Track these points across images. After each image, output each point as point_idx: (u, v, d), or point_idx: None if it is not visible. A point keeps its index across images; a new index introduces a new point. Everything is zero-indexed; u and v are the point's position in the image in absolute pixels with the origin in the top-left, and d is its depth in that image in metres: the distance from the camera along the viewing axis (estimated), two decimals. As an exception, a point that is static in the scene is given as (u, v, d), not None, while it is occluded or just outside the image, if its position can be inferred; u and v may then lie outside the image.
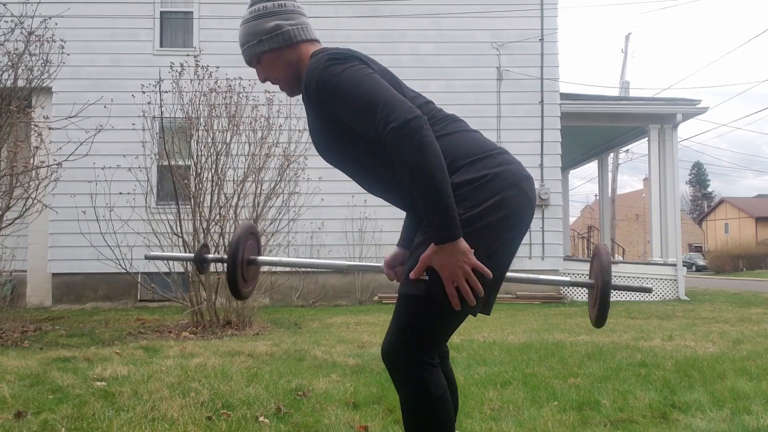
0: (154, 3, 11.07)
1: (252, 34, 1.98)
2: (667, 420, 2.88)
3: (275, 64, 1.99)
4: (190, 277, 6.76)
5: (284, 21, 1.96)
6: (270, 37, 1.95)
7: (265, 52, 1.97)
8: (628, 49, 26.86)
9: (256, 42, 1.97)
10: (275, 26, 1.95)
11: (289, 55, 1.97)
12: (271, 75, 2.03)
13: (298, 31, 1.97)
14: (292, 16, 1.98)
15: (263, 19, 1.96)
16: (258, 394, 3.32)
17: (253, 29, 1.98)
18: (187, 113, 7.04)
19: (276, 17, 1.96)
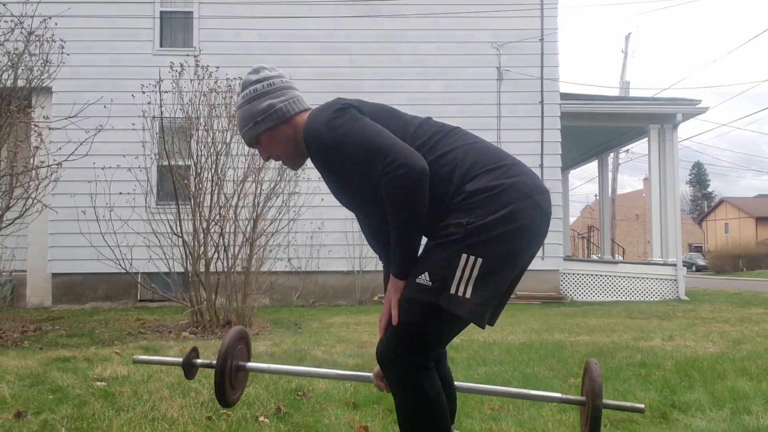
0: (154, 3, 11.08)
1: (247, 117, 2.01)
2: (667, 420, 2.88)
3: (274, 141, 2.02)
4: (190, 277, 6.76)
5: (276, 99, 1.99)
6: (264, 117, 1.99)
7: (263, 133, 2.00)
8: (628, 49, 26.84)
9: (252, 124, 2.00)
10: (268, 106, 1.98)
11: (286, 131, 2.01)
12: (272, 153, 2.07)
13: (290, 105, 2.00)
14: (283, 93, 2.01)
15: (256, 101, 2.00)
16: (258, 394, 3.32)
17: (247, 113, 2.01)
18: (187, 113, 7.04)
19: (267, 97, 1.99)
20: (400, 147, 1.78)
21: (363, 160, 1.79)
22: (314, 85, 10.80)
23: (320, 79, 10.91)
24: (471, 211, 1.76)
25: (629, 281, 11.87)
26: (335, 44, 11.09)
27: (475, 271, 1.74)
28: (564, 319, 7.69)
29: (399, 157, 1.74)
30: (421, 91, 11.09)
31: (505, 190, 1.79)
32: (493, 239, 1.75)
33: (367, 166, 1.78)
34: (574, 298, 11.56)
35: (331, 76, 10.99)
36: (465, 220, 1.76)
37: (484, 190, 1.79)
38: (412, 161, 1.74)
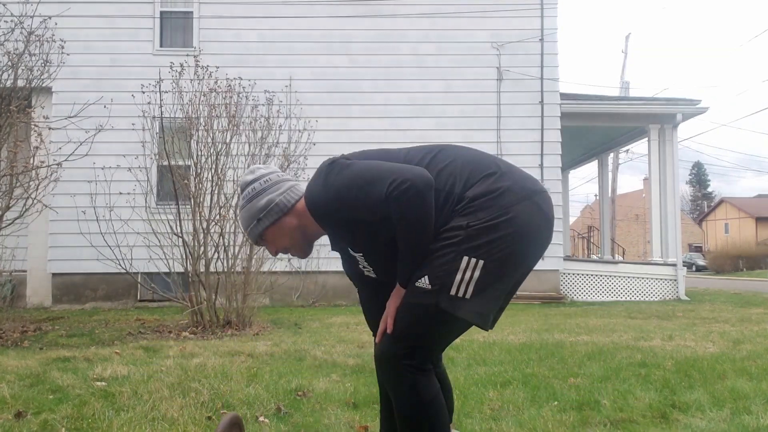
0: (154, 3, 11.07)
1: (250, 217, 2.03)
2: (667, 420, 2.88)
3: (280, 234, 2.03)
4: (190, 277, 6.76)
5: (274, 194, 2.02)
6: (266, 213, 2.01)
7: (267, 228, 2.02)
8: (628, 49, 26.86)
9: (256, 222, 2.02)
10: (267, 201, 2.01)
11: (290, 221, 2.02)
12: (280, 245, 2.07)
13: (288, 196, 2.02)
14: (279, 186, 2.04)
15: (255, 199, 2.02)
16: (258, 394, 3.32)
17: (249, 212, 2.03)
18: (187, 113, 7.04)
19: (266, 193, 2.02)
20: (398, 168, 1.81)
21: (368, 198, 1.80)
22: (314, 85, 10.83)
23: (320, 79, 10.92)
24: (472, 214, 1.78)
25: (629, 281, 11.87)
26: (335, 44, 11.09)
27: (477, 272, 1.75)
28: (564, 319, 7.69)
29: (400, 176, 1.76)
30: (421, 91, 11.09)
31: (504, 193, 1.81)
32: (494, 241, 1.76)
33: (374, 203, 1.79)
34: (574, 298, 11.56)
35: (331, 76, 10.99)
36: (465, 223, 1.77)
37: (483, 194, 1.80)
38: (414, 175, 1.76)
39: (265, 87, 8.00)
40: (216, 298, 6.70)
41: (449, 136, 11.01)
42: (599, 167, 16.33)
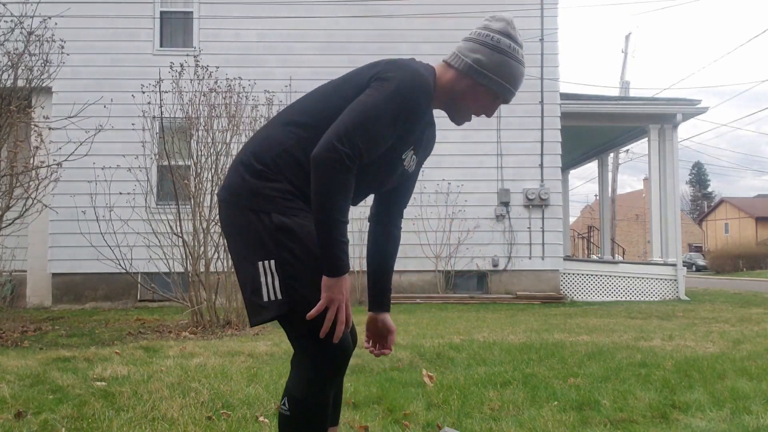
0: (154, 3, 11.08)
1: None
2: (667, 420, 2.88)
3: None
4: (189, 277, 6.76)
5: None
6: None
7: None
8: (628, 49, 26.86)
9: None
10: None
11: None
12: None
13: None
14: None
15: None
16: (258, 394, 3.32)
17: None
18: (187, 113, 7.04)
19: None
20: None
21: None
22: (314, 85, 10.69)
23: (320, 79, 10.76)
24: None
25: (629, 281, 11.87)
26: (335, 44, 11.09)
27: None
28: (564, 319, 7.69)
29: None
30: (421, 91, 11.08)
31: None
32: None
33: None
34: (574, 298, 11.56)
35: (331, 76, 10.72)
36: None
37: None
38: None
39: (265, 87, 8.01)
40: (216, 298, 6.70)
41: (449, 136, 10.93)
42: (599, 167, 16.33)
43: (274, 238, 1.74)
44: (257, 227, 1.76)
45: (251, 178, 1.79)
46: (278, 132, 1.87)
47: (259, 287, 1.77)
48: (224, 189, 1.86)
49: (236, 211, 1.80)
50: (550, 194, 11.13)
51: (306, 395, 1.78)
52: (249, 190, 1.78)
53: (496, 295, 10.87)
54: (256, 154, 1.83)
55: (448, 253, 10.90)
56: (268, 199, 1.76)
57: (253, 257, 1.77)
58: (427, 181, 10.67)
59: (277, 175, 1.78)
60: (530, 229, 11.11)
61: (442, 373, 3.91)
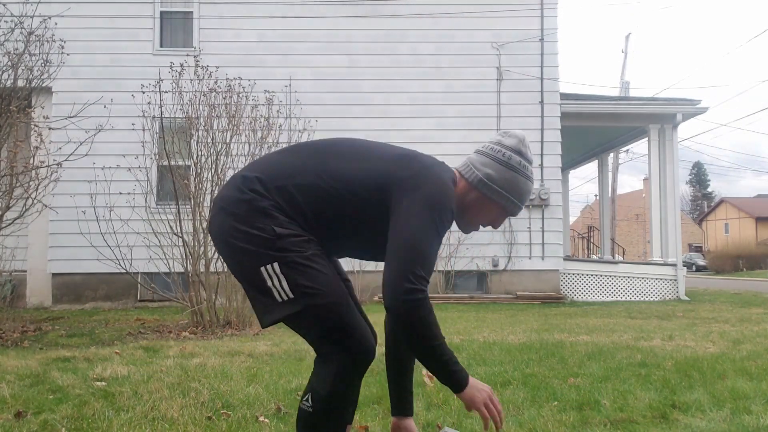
0: (154, 3, 11.08)
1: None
2: (667, 420, 2.88)
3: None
4: (190, 277, 6.76)
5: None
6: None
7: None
8: (628, 49, 26.86)
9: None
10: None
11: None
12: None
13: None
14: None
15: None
16: (258, 394, 3.32)
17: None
18: (187, 113, 7.04)
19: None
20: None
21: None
22: (314, 85, 10.83)
23: (320, 79, 10.93)
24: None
25: (629, 281, 11.87)
26: (335, 44, 11.09)
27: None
28: (564, 319, 7.69)
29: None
30: (420, 92, 11.09)
31: None
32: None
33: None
34: (574, 298, 11.56)
35: (331, 76, 11.00)
36: None
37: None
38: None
39: (265, 87, 8.01)
40: (216, 298, 6.70)
41: (449, 136, 11.01)
42: (599, 167, 16.33)
43: (276, 245, 1.79)
44: (257, 236, 1.80)
45: (254, 195, 1.84)
46: (293, 166, 1.91)
47: (268, 291, 1.82)
48: (224, 199, 1.90)
49: (236, 221, 1.84)
50: (550, 194, 11.13)
51: (330, 391, 1.83)
52: (251, 205, 1.84)
53: (496, 295, 10.87)
54: (263, 176, 1.88)
55: (448, 253, 10.89)
56: (268, 215, 1.82)
57: (255, 265, 1.82)
58: (427, 181, 10.68)
59: (279, 201, 1.84)
60: (530, 229, 11.11)
61: (442, 373, 3.91)
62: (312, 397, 1.85)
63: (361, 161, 1.92)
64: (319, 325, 1.85)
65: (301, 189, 1.85)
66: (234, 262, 1.89)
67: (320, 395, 1.83)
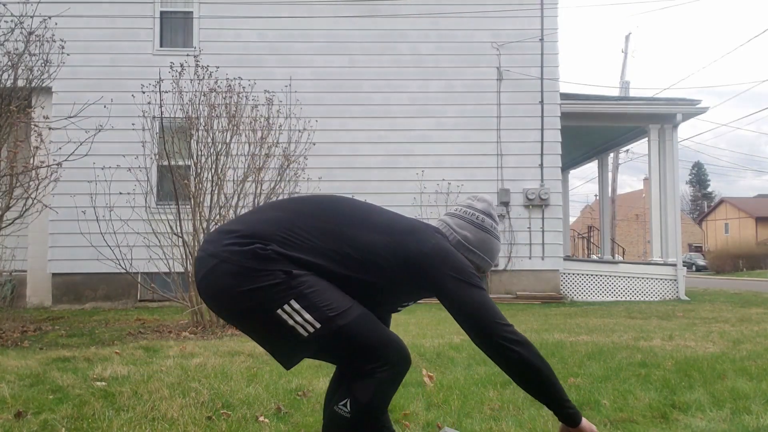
0: (154, 3, 11.08)
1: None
2: (667, 420, 2.88)
3: None
4: (190, 277, 6.76)
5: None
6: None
7: None
8: (628, 49, 26.85)
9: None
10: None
11: None
12: None
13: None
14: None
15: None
16: (258, 394, 3.32)
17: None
18: (187, 113, 7.04)
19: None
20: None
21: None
22: (314, 85, 10.83)
23: (320, 79, 10.93)
24: None
25: (629, 281, 11.87)
26: (335, 44, 11.09)
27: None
28: (564, 319, 7.69)
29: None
30: (420, 91, 11.10)
31: None
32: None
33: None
34: (574, 298, 11.56)
35: (331, 76, 11.00)
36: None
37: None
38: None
39: (265, 87, 8.01)
40: (216, 298, 6.68)
41: (449, 136, 11.02)
42: (599, 167, 16.33)
43: (288, 284, 1.78)
44: (266, 287, 1.78)
45: (254, 245, 1.82)
46: (301, 228, 1.90)
47: (291, 330, 1.80)
48: (219, 254, 1.84)
49: (240, 270, 1.80)
50: (550, 194, 11.13)
51: (371, 400, 1.86)
52: (255, 254, 1.80)
53: (496, 295, 10.87)
54: (260, 234, 1.86)
55: (448, 253, 10.89)
56: (273, 260, 1.80)
57: (271, 312, 1.79)
58: (427, 181, 10.68)
59: (281, 249, 1.83)
60: (530, 229, 11.11)
61: (442, 372, 3.91)
62: (351, 404, 1.86)
63: (378, 233, 1.97)
64: (353, 345, 1.86)
65: (314, 251, 1.86)
66: (247, 324, 1.90)
67: (361, 403, 1.86)
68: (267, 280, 1.78)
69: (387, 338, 1.90)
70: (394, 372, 1.87)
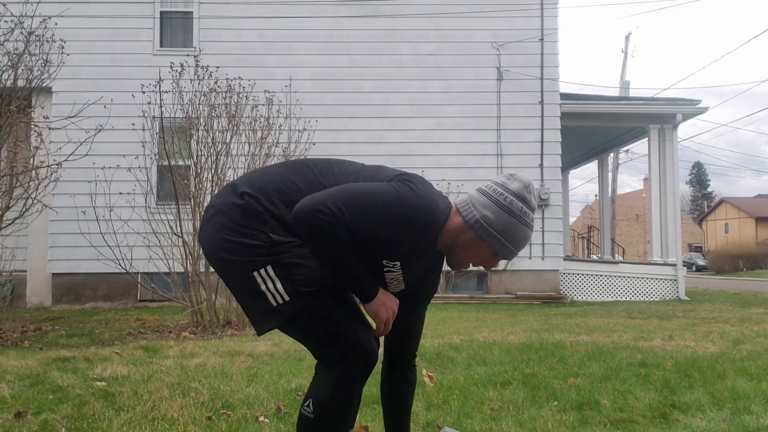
0: (154, 3, 11.08)
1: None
2: (667, 420, 2.88)
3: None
4: (189, 277, 6.76)
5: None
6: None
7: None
8: (628, 49, 26.85)
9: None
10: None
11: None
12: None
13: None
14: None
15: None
16: (258, 394, 3.32)
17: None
18: (187, 113, 7.04)
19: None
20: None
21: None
22: (314, 85, 10.83)
23: (320, 79, 10.93)
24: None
25: (629, 281, 11.87)
26: (335, 44, 11.09)
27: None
28: (564, 319, 7.69)
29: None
30: (420, 91, 11.09)
31: None
32: None
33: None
34: (574, 298, 11.56)
35: (331, 76, 11.00)
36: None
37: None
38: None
39: (265, 87, 8.01)
40: (216, 298, 6.70)
41: (449, 136, 11.01)
42: (599, 167, 16.33)
43: (269, 250, 1.77)
44: (250, 246, 1.78)
45: (250, 199, 1.82)
46: (287, 180, 1.89)
47: (262, 295, 1.79)
48: (217, 205, 1.88)
49: (227, 232, 1.81)
50: (550, 194, 11.13)
51: (332, 396, 1.82)
52: (246, 209, 1.81)
53: (496, 295, 10.87)
54: (258, 186, 1.86)
55: (448, 253, 10.90)
56: (263, 220, 1.80)
57: (248, 272, 1.78)
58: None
59: (270, 208, 1.82)
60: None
61: (442, 373, 3.91)
62: (313, 403, 1.83)
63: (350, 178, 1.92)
64: (316, 329, 1.83)
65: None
66: (226, 273, 1.87)
67: (321, 401, 1.82)
68: (250, 238, 1.77)
69: (355, 331, 1.84)
70: (355, 367, 1.82)
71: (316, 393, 1.84)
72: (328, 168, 1.94)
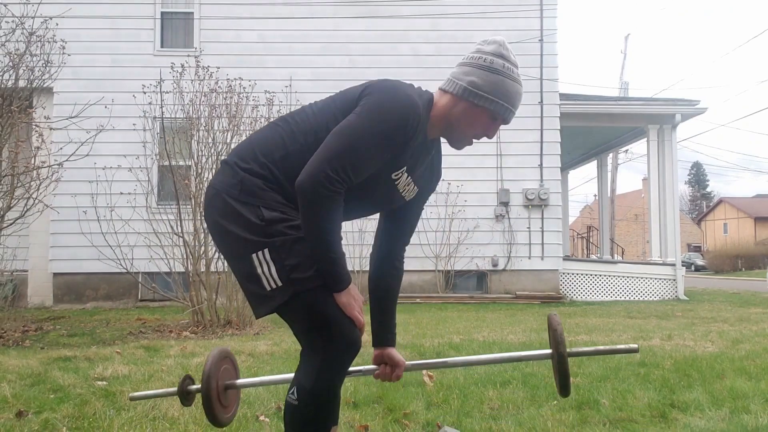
0: (155, 4, 11.09)
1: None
2: (666, 419, 2.89)
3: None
4: (190, 276, 6.78)
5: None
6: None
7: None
8: (627, 49, 26.88)
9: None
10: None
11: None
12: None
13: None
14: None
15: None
16: (258, 393, 3.33)
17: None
18: (188, 113, 7.06)
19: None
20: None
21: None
22: (314, 85, 10.83)
23: (320, 79, 10.93)
24: None
25: (628, 281, 11.89)
26: (335, 44, 11.10)
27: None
28: (563, 319, 7.69)
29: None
30: (421, 92, 11.09)
31: None
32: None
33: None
34: (574, 298, 11.57)
35: (331, 76, 10.99)
36: None
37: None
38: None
39: (265, 87, 8.02)
40: (216, 297, 6.71)
41: (449, 136, 11.01)
42: (598, 167, 16.35)
43: (264, 230, 1.79)
44: (247, 220, 1.80)
45: (241, 173, 1.85)
46: (269, 139, 1.92)
47: (258, 278, 1.81)
48: (216, 185, 1.91)
49: (228, 203, 1.84)
50: (549, 194, 11.15)
51: (315, 384, 1.82)
52: (243, 185, 1.84)
53: (495, 295, 10.89)
54: (246, 154, 1.89)
55: (448, 253, 10.91)
56: (254, 193, 1.82)
57: (245, 251, 1.81)
58: (427, 181, 10.69)
59: (264, 173, 1.84)
60: (530, 229, 11.12)
61: (442, 372, 3.93)
62: (297, 390, 1.84)
63: (328, 106, 1.96)
64: (305, 314, 1.83)
65: (284, 159, 1.86)
66: (228, 252, 1.89)
67: (306, 388, 1.83)
68: (244, 220, 1.80)
69: (341, 318, 1.85)
70: (335, 351, 1.83)
71: (301, 380, 1.85)
72: (302, 113, 1.97)
